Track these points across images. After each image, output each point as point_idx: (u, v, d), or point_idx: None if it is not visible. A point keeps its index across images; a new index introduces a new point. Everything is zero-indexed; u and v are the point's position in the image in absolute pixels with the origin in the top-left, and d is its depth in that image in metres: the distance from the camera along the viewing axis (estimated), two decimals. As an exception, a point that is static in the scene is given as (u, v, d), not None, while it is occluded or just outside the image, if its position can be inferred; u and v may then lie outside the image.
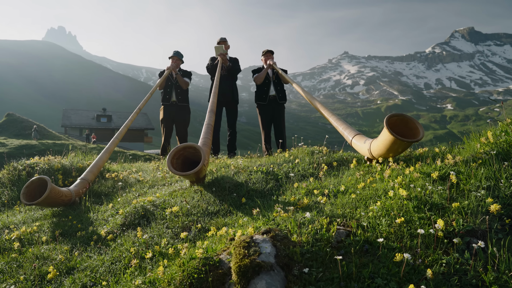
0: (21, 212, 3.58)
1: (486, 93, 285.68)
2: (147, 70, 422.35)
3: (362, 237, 1.70)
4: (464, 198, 1.85)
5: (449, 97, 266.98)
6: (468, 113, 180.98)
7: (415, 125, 2.68)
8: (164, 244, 2.20)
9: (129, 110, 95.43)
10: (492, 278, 1.39)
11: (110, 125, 55.15)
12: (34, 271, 2.18)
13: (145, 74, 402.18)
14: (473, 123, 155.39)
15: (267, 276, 1.43)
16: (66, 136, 40.81)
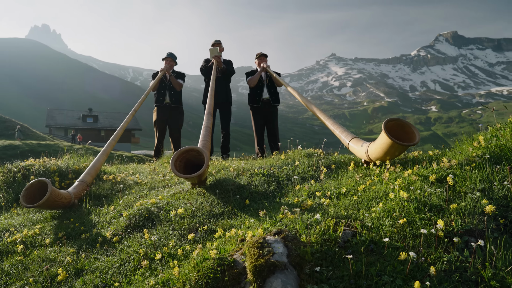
0: (19, 215, 3.57)
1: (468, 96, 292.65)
2: (134, 70, 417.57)
3: (367, 237, 1.79)
4: (461, 200, 1.96)
5: (433, 99, 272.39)
6: (452, 115, 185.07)
7: (411, 129, 2.80)
8: (172, 245, 2.25)
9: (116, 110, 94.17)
10: (490, 275, 1.50)
11: (97, 126, 54.36)
12: (43, 273, 2.20)
13: (132, 74, 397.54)
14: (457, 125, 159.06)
15: (282, 275, 1.51)
16: (50, 136, 40.03)
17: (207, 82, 6.83)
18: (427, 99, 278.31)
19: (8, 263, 2.45)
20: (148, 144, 68.53)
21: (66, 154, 4.98)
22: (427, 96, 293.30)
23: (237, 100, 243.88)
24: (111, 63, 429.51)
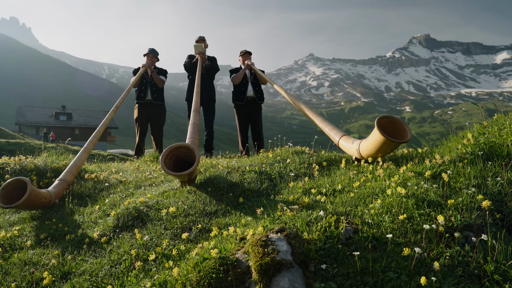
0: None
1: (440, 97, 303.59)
2: (109, 67, 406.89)
3: (369, 233, 1.78)
4: (457, 195, 1.99)
5: (407, 100, 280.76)
6: (425, 115, 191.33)
7: (403, 127, 2.83)
8: (166, 245, 2.17)
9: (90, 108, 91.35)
10: (493, 268, 1.52)
11: (71, 124, 52.59)
12: (26, 277, 2.07)
13: (108, 71, 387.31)
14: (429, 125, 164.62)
15: (288, 273, 1.47)
16: (21, 134, 38.37)
17: (190, 79, 6.70)
18: (401, 100, 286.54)
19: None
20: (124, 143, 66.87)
21: (44, 152, 4.75)
22: (402, 97, 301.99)
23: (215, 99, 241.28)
24: (85, 60, 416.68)
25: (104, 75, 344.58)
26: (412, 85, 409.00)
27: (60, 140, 34.79)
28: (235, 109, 6.49)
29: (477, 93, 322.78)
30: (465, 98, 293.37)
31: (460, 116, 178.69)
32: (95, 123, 54.48)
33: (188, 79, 6.93)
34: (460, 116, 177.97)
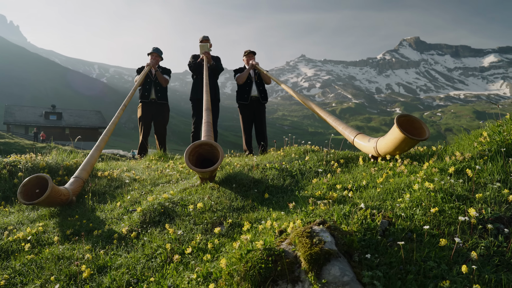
0: (12, 213, 3.35)
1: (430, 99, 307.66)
2: (99, 66, 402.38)
3: (404, 225, 1.86)
4: (483, 190, 2.08)
5: (397, 101, 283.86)
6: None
7: (421, 125, 2.92)
8: (199, 239, 2.21)
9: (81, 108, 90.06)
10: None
11: (61, 123, 51.91)
12: (63, 271, 2.09)
13: (98, 70, 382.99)
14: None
15: (337, 262, 1.53)
16: (9, 134, 37.73)
17: (195, 79, 6.74)
18: (391, 101, 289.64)
19: (17, 262, 2.30)
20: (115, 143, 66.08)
21: (53, 150, 4.73)
22: (392, 98, 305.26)
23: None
24: (75, 59, 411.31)
25: (94, 75, 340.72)
26: (402, 87, 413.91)
27: (43, 140, 34.30)
28: (239, 108, 6.53)
29: (465, 95, 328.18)
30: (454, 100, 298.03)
31: (449, 117, 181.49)
32: (86, 123, 53.85)
33: (192, 79, 6.96)
34: (449, 118, 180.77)
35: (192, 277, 1.79)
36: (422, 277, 1.54)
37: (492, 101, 7.43)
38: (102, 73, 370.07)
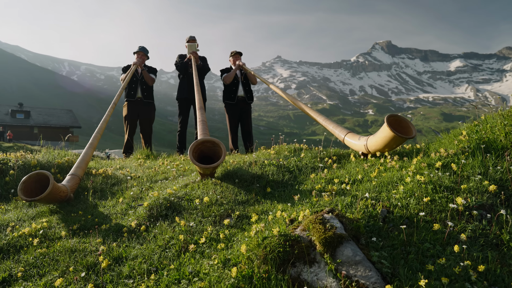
0: (9, 210, 3.33)
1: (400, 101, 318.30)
2: (70, 64, 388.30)
3: (401, 213, 2.07)
4: (467, 182, 2.34)
5: (370, 103, 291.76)
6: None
7: (408, 125, 3.18)
8: (211, 230, 2.34)
9: (50, 106, 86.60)
10: (508, 237, 1.86)
11: (29, 122, 49.74)
12: (79, 262, 2.16)
13: (68, 67, 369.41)
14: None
15: (349, 245, 1.72)
16: (-28, 133, 35.85)
17: (181, 78, 6.80)
18: (365, 103, 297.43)
19: (29, 255, 2.34)
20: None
21: (43, 148, 4.69)
22: (365, 100, 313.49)
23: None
24: (43, 55, 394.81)
25: (64, 72, 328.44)
26: (375, 89, 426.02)
27: (9, 140, 32.82)
28: (225, 108, 6.65)
29: (434, 98, 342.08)
30: (423, 103, 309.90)
31: (419, 119, 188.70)
32: (57, 122, 51.86)
33: (179, 78, 7.02)
34: (418, 120, 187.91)
35: (211, 263, 1.92)
36: (421, 256, 1.75)
37: (472, 105, 7.76)
38: (72, 70, 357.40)
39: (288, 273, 1.68)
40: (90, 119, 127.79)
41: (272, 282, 1.63)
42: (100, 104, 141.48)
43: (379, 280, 1.57)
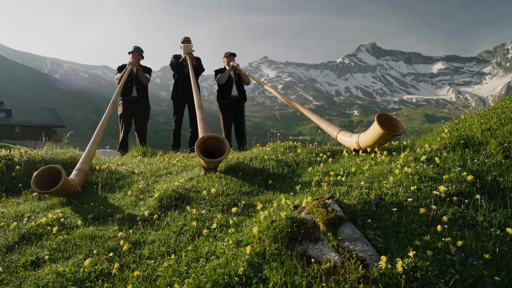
0: (20, 204, 3.48)
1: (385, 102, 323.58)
2: (52, 61, 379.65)
3: (391, 200, 2.35)
4: (448, 173, 2.64)
5: (355, 104, 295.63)
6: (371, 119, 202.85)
7: (396, 123, 3.48)
8: (220, 217, 2.57)
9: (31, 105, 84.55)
10: (482, 219, 2.15)
11: (10, 121, 48.51)
12: (100, 246, 2.36)
13: (50, 65, 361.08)
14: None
15: (348, 225, 1.98)
16: (-49, 132, 34.85)
17: (176, 78, 6.99)
18: (350, 104, 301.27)
19: (51, 242, 2.52)
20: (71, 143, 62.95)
21: (45, 145, 4.82)
22: (350, 101, 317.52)
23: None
24: (24, 52, 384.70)
25: (46, 70, 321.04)
26: (360, 90, 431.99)
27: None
28: (219, 107, 6.87)
29: (417, 99, 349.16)
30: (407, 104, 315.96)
31: (402, 120, 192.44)
32: (39, 121, 50.72)
33: (173, 78, 7.21)
34: (402, 121, 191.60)
35: (225, 244, 2.16)
36: (409, 235, 2.03)
37: (454, 106, 8.22)
38: (55, 68, 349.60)
39: (296, 250, 1.93)
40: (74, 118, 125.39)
41: (282, 256, 1.88)
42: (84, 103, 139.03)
43: (374, 253, 1.84)
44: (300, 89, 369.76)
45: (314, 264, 1.80)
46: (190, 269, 1.98)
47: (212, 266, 1.91)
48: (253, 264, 1.88)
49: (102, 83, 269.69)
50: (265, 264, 1.86)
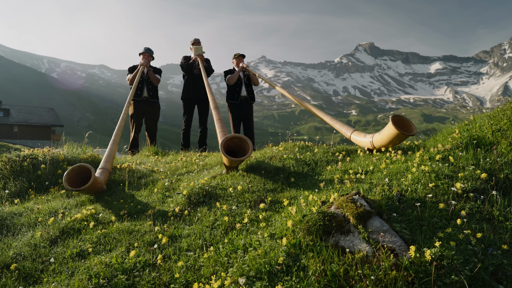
0: (49, 200, 3.62)
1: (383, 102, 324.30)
2: (49, 61, 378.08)
3: (411, 196, 2.52)
4: (463, 171, 2.81)
5: (353, 103, 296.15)
6: (369, 118, 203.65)
7: (409, 124, 3.65)
8: (249, 212, 2.73)
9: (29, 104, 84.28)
10: (498, 213, 2.33)
11: (8, 120, 48.38)
12: (140, 239, 2.51)
13: (47, 64, 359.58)
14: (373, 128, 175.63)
15: (376, 218, 2.14)
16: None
17: (186, 79, 7.15)
18: (348, 104, 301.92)
19: (90, 236, 2.68)
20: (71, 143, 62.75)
21: (64, 144, 4.96)
22: (348, 101, 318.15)
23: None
24: (21, 51, 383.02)
25: (44, 69, 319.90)
26: (358, 90, 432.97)
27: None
28: (229, 107, 7.03)
29: (415, 99, 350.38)
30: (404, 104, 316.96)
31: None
32: (38, 120, 50.57)
33: (183, 79, 7.37)
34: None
35: (259, 237, 2.32)
36: (432, 228, 2.20)
37: (461, 106, 8.44)
38: (52, 68, 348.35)
39: (329, 241, 2.10)
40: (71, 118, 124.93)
41: (317, 247, 2.04)
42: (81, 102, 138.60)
43: (403, 244, 2.00)
44: (298, 89, 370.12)
45: (348, 254, 1.96)
46: (231, 260, 2.14)
47: (251, 256, 2.07)
48: (290, 254, 2.04)
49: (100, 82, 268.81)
50: (302, 254, 2.03)
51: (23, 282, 2.20)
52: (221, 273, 1.99)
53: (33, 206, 3.36)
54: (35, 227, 2.93)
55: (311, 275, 1.85)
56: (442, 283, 1.75)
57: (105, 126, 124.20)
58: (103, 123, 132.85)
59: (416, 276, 1.78)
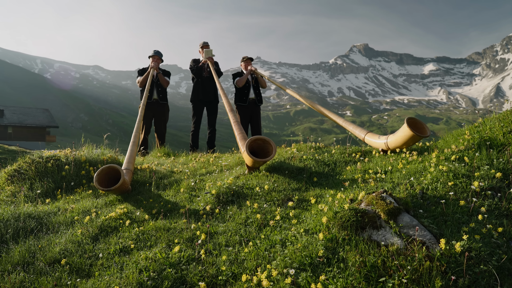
0: (77, 201, 3.75)
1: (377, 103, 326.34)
2: (43, 61, 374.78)
3: (433, 194, 2.70)
4: (478, 170, 2.99)
5: (348, 104, 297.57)
6: (363, 119, 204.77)
7: (423, 126, 3.84)
8: (280, 210, 2.89)
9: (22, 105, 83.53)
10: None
11: (2, 122, 47.99)
12: (178, 236, 2.66)
13: (41, 65, 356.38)
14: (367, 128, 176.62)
15: (405, 214, 2.32)
16: None
17: (195, 81, 7.30)
18: (343, 104, 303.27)
19: (128, 233, 2.81)
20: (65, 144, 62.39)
21: (84, 145, 5.08)
22: (343, 102, 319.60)
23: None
24: (13, 51, 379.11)
25: (37, 70, 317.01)
26: (353, 90, 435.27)
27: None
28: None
29: (409, 100, 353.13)
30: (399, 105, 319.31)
31: (394, 121, 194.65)
32: (32, 121, 50.21)
33: (192, 81, 7.53)
34: (394, 121, 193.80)
35: (294, 232, 2.48)
36: (456, 223, 2.37)
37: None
38: (45, 68, 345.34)
39: (363, 236, 2.26)
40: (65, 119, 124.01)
41: (353, 241, 2.21)
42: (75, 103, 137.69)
43: (432, 237, 2.18)
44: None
45: (383, 247, 2.13)
46: (271, 254, 2.29)
47: (291, 250, 2.23)
48: (328, 248, 2.20)
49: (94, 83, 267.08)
50: (339, 247, 2.19)
51: (75, 275, 2.34)
52: (265, 265, 2.15)
53: (66, 206, 3.48)
54: (73, 225, 3.06)
55: (351, 266, 2.02)
56: (472, 272, 1.93)
57: (99, 127, 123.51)
58: (97, 124, 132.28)
59: (448, 266, 1.95)
